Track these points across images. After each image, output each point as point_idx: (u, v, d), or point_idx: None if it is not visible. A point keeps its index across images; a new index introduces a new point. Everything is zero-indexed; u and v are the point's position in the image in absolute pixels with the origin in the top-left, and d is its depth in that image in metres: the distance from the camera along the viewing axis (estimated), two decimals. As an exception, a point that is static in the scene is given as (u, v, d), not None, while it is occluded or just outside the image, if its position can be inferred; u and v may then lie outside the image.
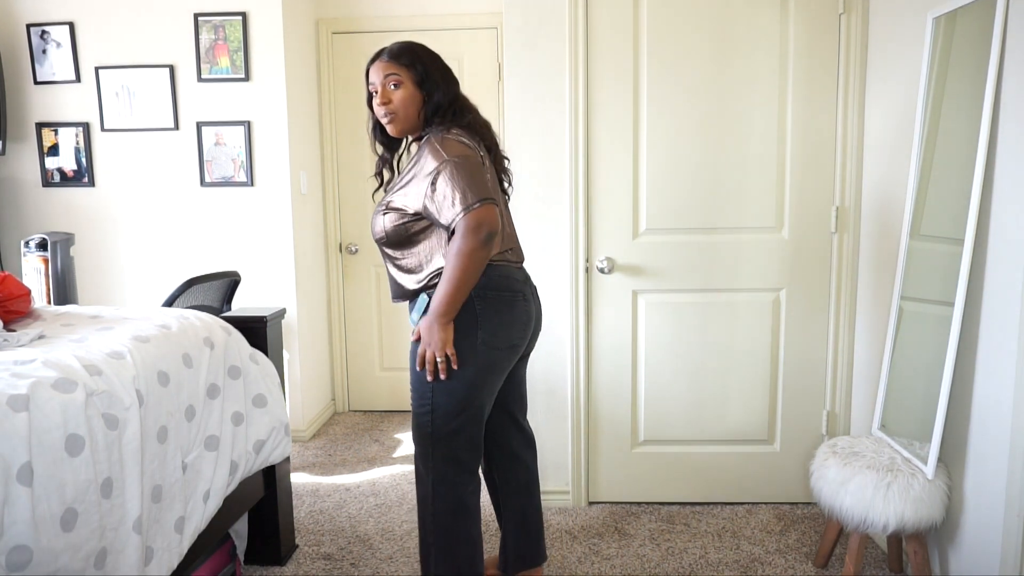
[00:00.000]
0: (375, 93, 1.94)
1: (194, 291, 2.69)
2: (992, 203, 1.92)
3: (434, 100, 1.92)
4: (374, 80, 1.94)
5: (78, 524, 1.50)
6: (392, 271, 1.98)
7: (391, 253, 1.96)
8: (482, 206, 1.74)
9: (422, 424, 1.96)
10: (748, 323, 2.77)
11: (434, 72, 1.93)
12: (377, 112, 1.95)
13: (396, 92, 1.91)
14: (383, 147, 2.06)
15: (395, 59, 1.91)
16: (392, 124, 1.94)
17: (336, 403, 4.12)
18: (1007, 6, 1.86)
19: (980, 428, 1.99)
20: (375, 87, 1.94)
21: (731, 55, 2.65)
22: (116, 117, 3.52)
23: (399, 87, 1.91)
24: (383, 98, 1.91)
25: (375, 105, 1.96)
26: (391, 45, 1.96)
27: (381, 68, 1.92)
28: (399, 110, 1.92)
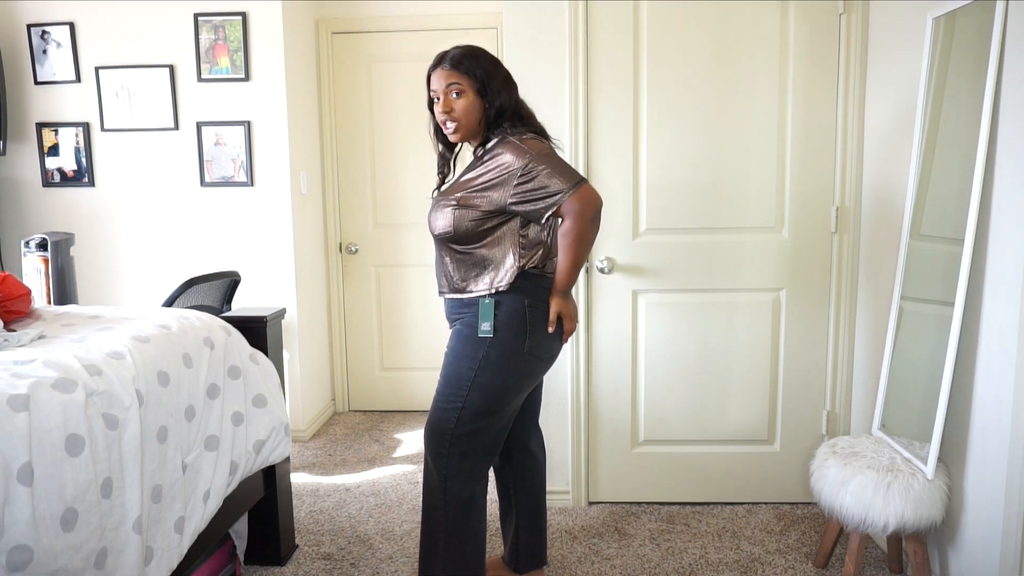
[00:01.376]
0: (436, 100, 1.97)
1: (194, 291, 2.69)
2: (992, 203, 1.92)
3: (495, 106, 1.95)
4: (436, 87, 1.96)
5: (78, 524, 1.50)
6: (450, 265, 1.99)
7: (456, 248, 1.97)
8: (583, 185, 1.85)
9: (444, 419, 1.97)
10: (748, 323, 2.77)
11: (495, 79, 1.96)
12: (439, 119, 1.98)
13: (458, 101, 1.94)
14: (444, 147, 2.09)
15: (456, 67, 1.93)
16: (455, 133, 1.97)
17: (336, 403, 4.12)
18: (1007, 6, 1.86)
19: (980, 428, 1.99)
20: (436, 94, 1.96)
21: (731, 55, 2.65)
22: (116, 117, 3.52)
23: (461, 96, 1.93)
24: (445, 107, 1.94)
25: (437, 112, 1.98)
26: (452, 51, 1.97)
27: (443, 77, 1.94)
28: (461, 118, 1.95)
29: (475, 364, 1.93)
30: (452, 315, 2.04)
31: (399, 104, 3.89)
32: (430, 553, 2.02)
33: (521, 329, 1.94)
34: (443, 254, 2.01)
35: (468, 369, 1.94)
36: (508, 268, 1.93)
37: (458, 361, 1.97)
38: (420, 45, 3.83)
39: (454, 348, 1.99)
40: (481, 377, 1.93)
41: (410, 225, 3.96)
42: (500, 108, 1.95)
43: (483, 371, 1.93)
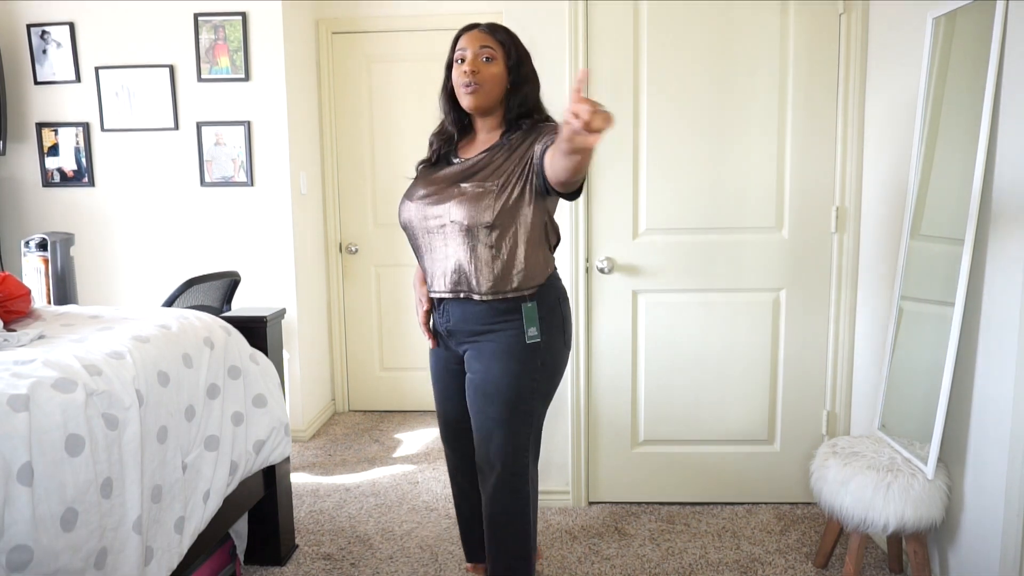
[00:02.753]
0: (461, 60, 1.86)
1: (194, 291, 2.69)
2: (992, 203, 1.92)
3: (522, 91, 1.87)
4: (465, 47, 1.85)
5: (78, 524, 1.50)
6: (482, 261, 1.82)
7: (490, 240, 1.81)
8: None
9: (520, 446, 1.89)
10: (748, 323, 2.77)
11: (526, 64, 1.90)
12: (460, 79, 1.85)
13: (487, 65, 1.84)
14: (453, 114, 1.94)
15: (493, 33, 1.86)
16: (473, 95, 1.84)
17: (336, 403, 4.12)
18: (1007, 6, 1.86)
19: (980, 428, 1.99)
20: (464, 54, 1.85)
21: (731, 55, 2.65)
22: (116, 117, 3.52)
23: (491, 61, 1.85)
24: (472, 65, 1.83)
25: (458, 71, 1.85)
26: (490, 24, 1.91)
27: (478, 38, 1.86)
28: (485, 83, 1.84)
29: (533, 376, 1.85)
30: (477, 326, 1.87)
31: (399, 104, 3.89)
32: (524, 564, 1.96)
33: (559, 324, 1.90)
34: (467, 248, 1.83)
35: (529, 387, 1.85)
36: (544, 261, 1.87)
37: (516, 381, 1.84)
38: (420, 45, 3.83)
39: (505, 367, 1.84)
40: (541, 386, 1.88)
41: (410, 225, 3.96)
42: (526, 95, 1.88)
43: (541, 381, 1.87)
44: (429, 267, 1.93)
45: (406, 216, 1.93)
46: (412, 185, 1.98)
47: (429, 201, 1.88)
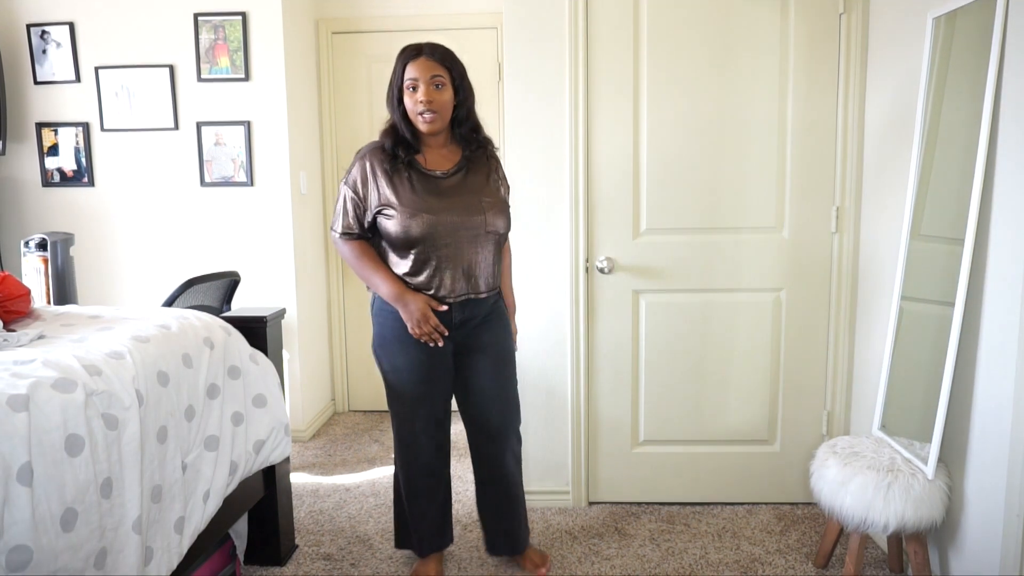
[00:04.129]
0: (413, 89, 2.03)
1: (194, 291, 2.69)
2: (992, 203, 1.92)
3: (466, 106, 2.11)
4: (416, 76, 2.02)
5: (78, 524, 1.50)
6: (493, 264, 2.18)
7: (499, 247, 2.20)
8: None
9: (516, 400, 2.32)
10: (748, 323, 2.77)
11: (466, 80, 2.11)
12: (415, 107, 2.04)
13: (440, 93, 2.04)
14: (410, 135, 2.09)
15: (440, 60, 2.04)
16: (432, 123, 2.05)
17: (336, 403, 4.12)
18: (1007, 6, 1.86)
19: (980, 428, 1.99)
20: (416, 83, 2.03)
21: (731, 55, 2.65)
22: (116, 117, 3.52)
23: (442, 88, 2.04)
24: (428, 95, 2.01)
25: (413, 99, 2.04)
26: (428, 45, 2.07)
27: (427, 67, 2.02)
28: (440, 110, 2.04)
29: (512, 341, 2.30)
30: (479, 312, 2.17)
31: (399, 104, 3.88)
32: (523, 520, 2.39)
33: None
34: (491, 252, 2.16)
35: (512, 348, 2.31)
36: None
37: (510, 347, 2.28)
38: (420, 45, 3.83)
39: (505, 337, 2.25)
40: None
41: (410, 225, 3.96)
42: (468, 111, 2.12)
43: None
44: (435, 274, 2.09)
45: (428, 228, 2.05)
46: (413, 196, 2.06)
47: (457, 213, 2.08)
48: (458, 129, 2.13)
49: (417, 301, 2.07)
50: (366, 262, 2.12)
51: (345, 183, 2.11)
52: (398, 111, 2.07)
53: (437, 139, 2.13)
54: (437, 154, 2.14)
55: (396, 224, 2.04)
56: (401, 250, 2.09)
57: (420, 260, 2.08)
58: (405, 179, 2.07)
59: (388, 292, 2.08)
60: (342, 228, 2.12)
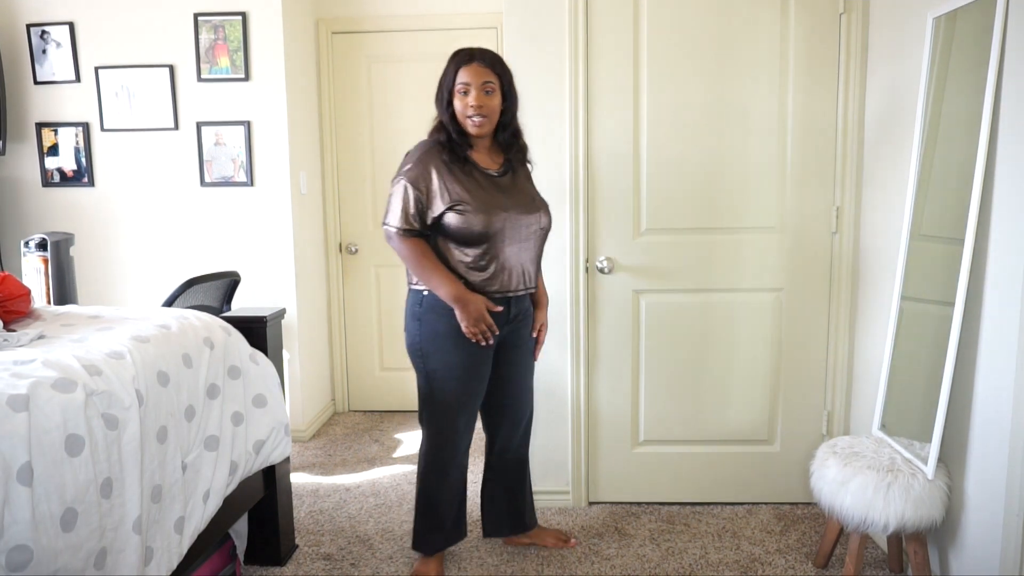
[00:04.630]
0: (464, 93, 2.11)
1: (194, 291, 2.69)
2: (992, 203, 1.92)
3: (512, 112, 2.20)
4: (468, 81, 2.10)
5: (78, 524, 1.50)
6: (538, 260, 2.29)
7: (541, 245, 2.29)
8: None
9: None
10: (748, 323, 2.77)
11: (514, 87, 2.20)
12: (466, 111, 2.11)
13: (490, 98, 2.12)
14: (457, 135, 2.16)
15: (492, 67, 2.12)
16: (481, 127, 2.13)
17: (336, 403, 4.12)
18: (1007, 6, 1.86)
19: (980, 428, 1.99)
20: (467, 88, 2.10)
21: (731, 55, 2.65)
22: (116, 117, 3.52)
23: (492, 94, 2.12)
24: (478, 100, 2.10)
25: (463, 103, 2.11)
26: (480, 51, 2.15)
27: (479, 73, 2.10)
28: (490, 115, 2.13)
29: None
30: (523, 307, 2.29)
31: (399, 104, 3.89)
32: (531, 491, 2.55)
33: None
34: (539, 249, 2.27)
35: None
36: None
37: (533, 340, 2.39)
38: (420, 45, 3.83)
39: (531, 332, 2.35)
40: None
41: (410, 225, 3.96)
42: (512, 116, 2.20)
43: None
44: (499, 270, 2.16)
45: (499, 224, 2.12)
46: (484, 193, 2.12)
47: (519, 211, 2.17)
48: (502, 134, 2.21)
49: (476, 301, 2.11)
50: (426, 262, 2.11)
51: (404, 180, 2.10)
52: (447, 112, 2.14)
53: (483, 141, 2.21)
54: (484, 155, 2.21)
55: (468, 220, 2.08)
56: (467, 246, 2.13)
57: (486, 255, 2.14)
58: (472, 176, 2.13)
59: (448, 292, 2.10)
60: (403, 224, 2.10)
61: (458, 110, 2.12)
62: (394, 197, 2.12)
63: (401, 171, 2.13)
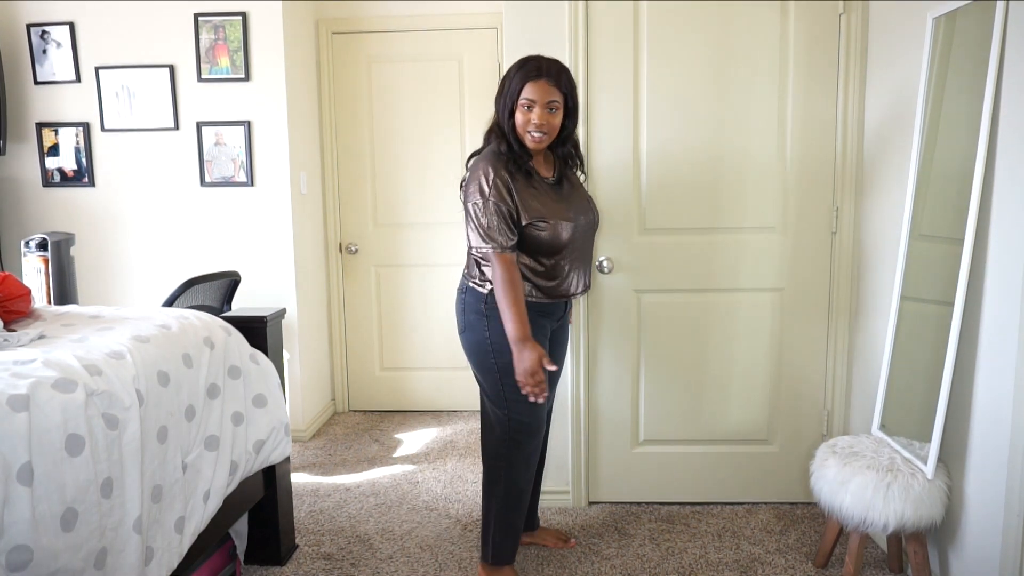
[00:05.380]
0: (528, 108, 2.07)
1: (194, 291, 2.70)
2: (992, 203, 1.92)
3: (572, 128, 2.18)
4: (532, 97, 2.05)
5: (78, 524, 1.50)
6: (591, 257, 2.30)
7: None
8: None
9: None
10: (748, 323, 2.77)
11: (578, 103, 2.16)
12: (527, 126, 2.08)
13: (554, 116, 2.09)
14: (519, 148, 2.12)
15: (559, 84, 2.07)
16: (540, 143, 2.11)
17: (336, 403, 4.12)
18: (1007, 6, 1.86)
19: (980, 428, 1.99)
20: (532, 104, 2.06)
21: (731, 55, 2.65)
22: (116, 117, 3.52)
23: (556, 112, 2.09)
24: (541, 119, 2.07)
25: (525, 118, 2.08)
26: (547, 65, 2.07)
27: (546, 91, 2.05)
28: (551, 132, 2.11)
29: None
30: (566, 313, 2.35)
31: (399, 104, 3.89)
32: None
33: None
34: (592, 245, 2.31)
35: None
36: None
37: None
38: (420, 45, 3.83)
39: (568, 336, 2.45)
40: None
41: (410, 225, 3.96)
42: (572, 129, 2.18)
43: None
44: (568, 275, 2.19)
45: (571, 234, 2.14)
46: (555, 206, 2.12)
47: (582, 217, 2.19)
48: (560, 148, 2.19)
49: (534, 354, 2.03)
50: (513, 291, 2.04)
51: (484, 198, 2.03)
52: (508, 122, 2.11)
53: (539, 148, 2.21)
54: (540, 161, 2.20)
55: (547, 234, 2.10)
56: (543, 256, 2.14)
57: (559, 264, 2.16)
58: (539, 188, 2.13)
59: (517, 332, 2.03)
60: (501, 244, 2.04)
61: (519, 122, 2.09)
62: (484, 218, 2.04)
63: (480, 191, 2.05)
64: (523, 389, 2.07)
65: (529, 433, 2.22)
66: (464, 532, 2.68)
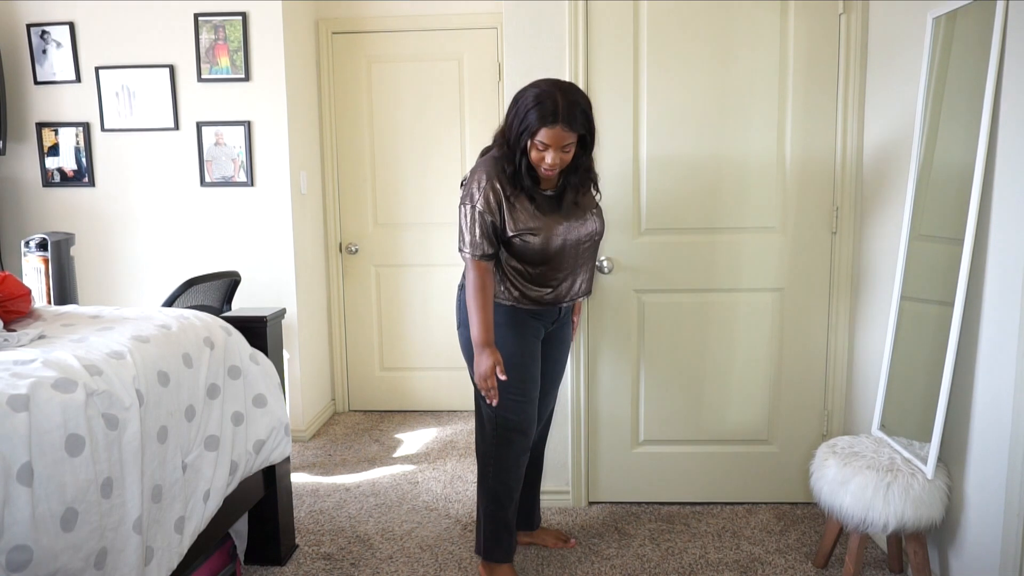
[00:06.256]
0: (542, 148, 2.04)
1: (194, 291, 2.69)
2: (992, 203, 1.92)
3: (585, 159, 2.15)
4: (547, 141, 2.02)
5: (78, 524, 1.50)
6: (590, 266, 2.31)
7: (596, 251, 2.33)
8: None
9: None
10: (748, 323, 2.77)
11: (594, 135, 2.13)
12: (540, 163, 2.06)
13: (567, 154, 2.08)
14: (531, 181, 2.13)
15: (573, 128, 2.03)
16: (550, 178, 2.14)
17: (336, 403, 4.12)
18: (1007, 6, 1.86)
19: (980, 428, 1.99)
20: (545, 145, 2.03)
21: (731, 55, 2.65)
22: (116, 117, 3.52)
23: (569, 150, 2.08)
24: (555, 160, 2.05)
25: (539, 157, 2.06)
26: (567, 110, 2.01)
27: (561, 137, 2.02)
28: (563, 166, 2.11)
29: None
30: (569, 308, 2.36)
31: (399, 104, 3.89)
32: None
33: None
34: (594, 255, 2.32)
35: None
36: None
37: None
38: (420, 45, 3.83)
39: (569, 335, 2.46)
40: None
41: (410, 225, 3.96)
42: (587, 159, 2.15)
43: None
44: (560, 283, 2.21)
45: (562, 245, 2.16)
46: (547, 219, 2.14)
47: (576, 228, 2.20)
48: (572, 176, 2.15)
49: (491, 361, 2.13)
50: (482, 297, 2.12)
51: (472, 205, 2.09)
52: (520, 158, 2.08)
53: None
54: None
55: (536, 245, 2.12)
56: (532, 265, 2.17)
57: (549, 272, 2.19)
58: (537, 201, 2.14)
59: (481, 337, 2.12)
60: (480, 252, 2.11)
61: (532, 157, 2.07)
62: (466, 223, 2.11)
63: (471, 197, 2.10)
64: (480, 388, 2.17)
65: (518, 431, 2.25)
66: (464, 532, 2.68)
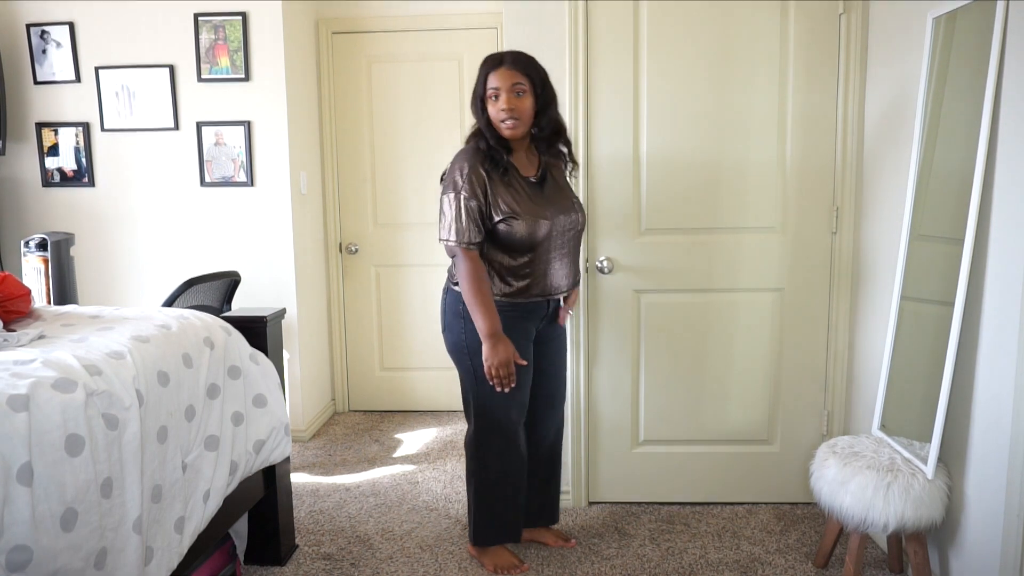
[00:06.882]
0: (494, 98, 2.11)
1: (194, 291, 2.70)
2: (992, 203, 1.92)
3: (548, 112, 2.18)
4: (497, 85, 2.10)
5: (78, 524, 1.50)
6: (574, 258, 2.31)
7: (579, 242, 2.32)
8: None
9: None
10: (748, 323, 2.77)
11: (548, 87, 2.18)
12: (498, 114, 2.12)
13: (521, 100, 2.12)
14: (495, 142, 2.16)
15: (520, 68, 2.11)
16: (514, 128, 2.13)
17: (336, 403, 4.12)
18: (1007, 6, 1.86)
19: (980, 428, 1.99)
20: (497, 92, 2.11)
21: (731, 55, 2.65)
22: (116, 117, 3.52)
23: (523, 95, 2.12)
24: (509, 103, 2.10)
25: (495, 108, 2.12)
26: (509, 54, 2.15)
27: (507, 76, 2.10)
28: (522, 116, 2.13)
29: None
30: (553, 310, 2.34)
31: (399, 104, 3.89)
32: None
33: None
34: (578, 246, 2.31)
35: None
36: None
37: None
38: (420, 45, 3.83)
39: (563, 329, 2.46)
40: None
41: (410, 225, 3.96)
42: (550, 118, 2.19)
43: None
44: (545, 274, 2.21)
45: (547, 232, 2.16)
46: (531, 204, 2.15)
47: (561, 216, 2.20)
48: (540, 133, 2.19)
49: (508, 348, 2.12)
50: (479, 287, 2.11)
51: (456, 192, 2.10)
52: (483, 118, 2.16)
53: (521, 143, 2.22)
54: (523, 158, 2.23)
55: (519, 231, 2.11)
56: (517, 253, 2.16)
57: (531, 263, 2.18)
58: (517, 186, 2.15)
59: (487, 327, 2.10)
60: (466, 240, 2.10)
61: (492, 115, 2.13)
62: (451, 212, 2.11)
63: (453, 185, 2.11)
64: (491, 380, 2.14)
65: (500, 432, 2.28)
66: (464, 532, 2.68)
